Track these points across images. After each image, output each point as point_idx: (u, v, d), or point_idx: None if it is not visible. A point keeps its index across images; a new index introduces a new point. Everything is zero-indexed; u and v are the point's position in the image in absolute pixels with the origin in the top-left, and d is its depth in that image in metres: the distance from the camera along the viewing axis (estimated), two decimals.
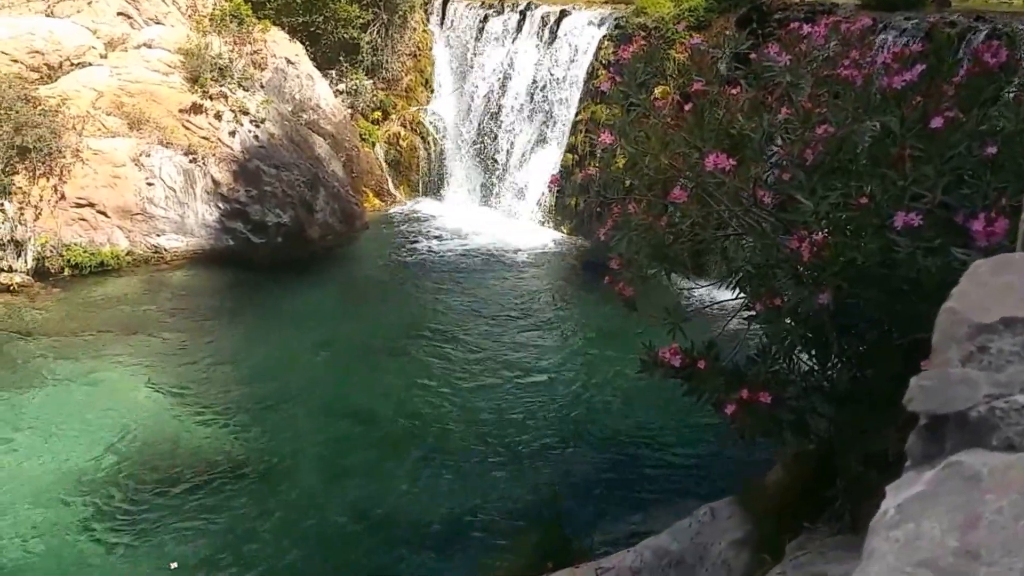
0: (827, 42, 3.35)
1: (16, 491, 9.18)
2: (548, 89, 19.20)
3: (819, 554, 3.39)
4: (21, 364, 11.96)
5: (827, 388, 3.42)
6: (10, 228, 14.26)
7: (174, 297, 14.59)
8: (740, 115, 3.29)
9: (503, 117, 20.00)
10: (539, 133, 19.38)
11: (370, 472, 9.77)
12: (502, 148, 19.95)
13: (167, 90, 16.41)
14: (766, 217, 3.33)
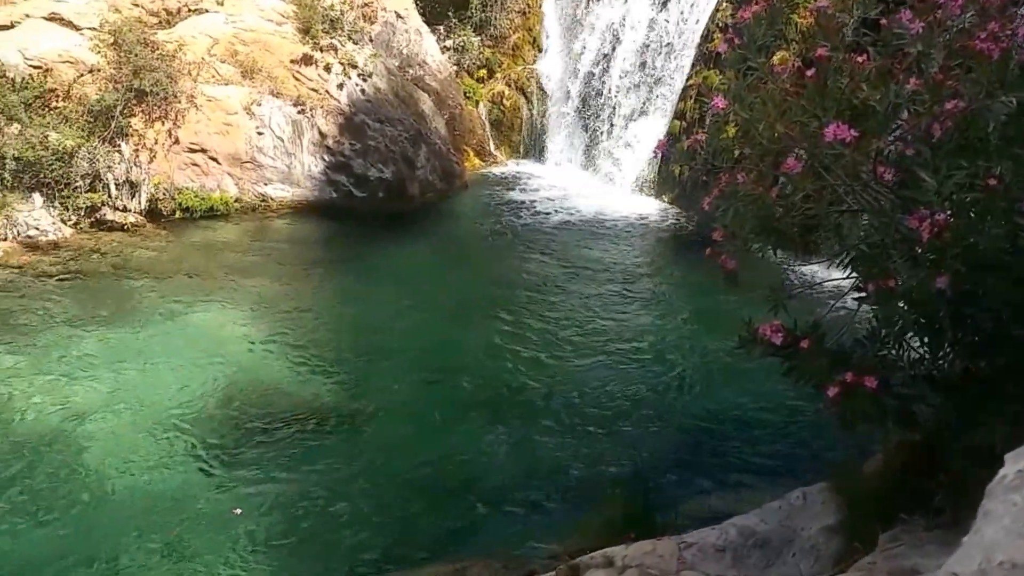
0: (963, 12, 3.13)
1: (123, 419, 9.58)
2: (659, 51, 18.51)
3: (914, 547, 3.28)
4: (131, 300, 12.44)
5: (937, 377, 3.26)
6: (126, 169, 14.82)
7: (277, 245, 14.91)
8: (865, 84, 3.10)
9: (611, 79, 19.43)
10: (647, 97, 18.75)
11: (455, 429, 9.75)
12: (607, 111, 19.42)
13: (279, 40, 16.63)
14: (885, 194, 3.16)
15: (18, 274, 12.80)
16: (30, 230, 13.76)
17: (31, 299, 12.13)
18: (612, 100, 19.41)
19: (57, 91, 14.73)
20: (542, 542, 8.00)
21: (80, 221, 14.40)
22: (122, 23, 15.07)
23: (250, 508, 8.18)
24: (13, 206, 13.69)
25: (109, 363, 10.66)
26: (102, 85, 14.79)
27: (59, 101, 14.74)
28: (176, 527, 7.88)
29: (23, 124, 14.00)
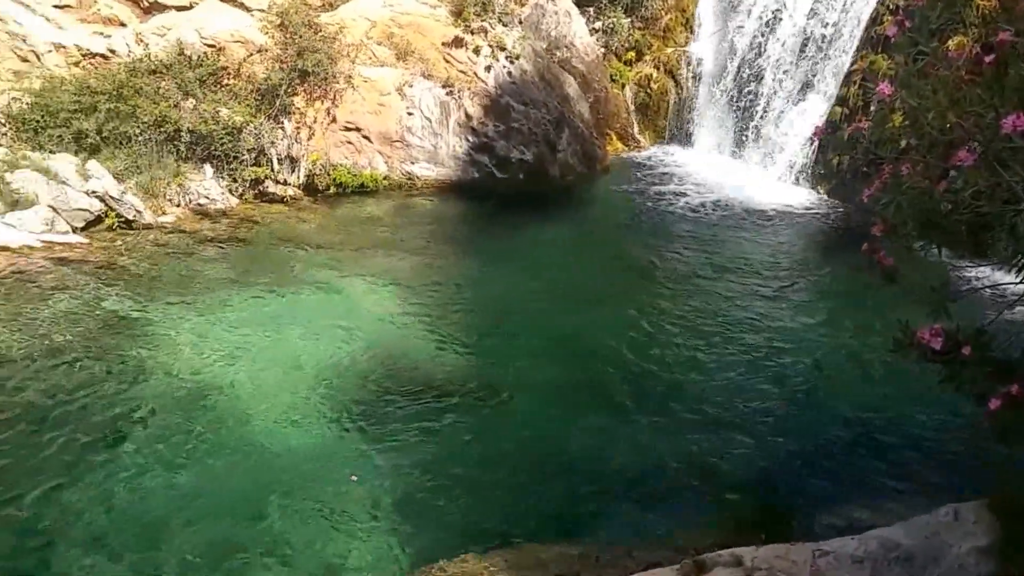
0: None
1: (272, 377, 10.18)
2: (823, 34, 17.60)
3: None
4: (286, 267, 13.23)
5: None
6: (287, 145, 15.76)
7: (420, 222, 15.43)
8: None
9: (767, 62, 18.66)
10: (805, 82, 17.89)
11: (583, 413, 9.77)
12: (762, 96, 18.69)
13: (433, 23, 17.09)
14: None
15: (189, 238, 13.91)
16: (201, 199, 14.92)
17: (199, 262, 13.15)
18: (768, 85, 18.66)
19: (228, 69, 15.82)
20: (666, 533, 7.93)
21: (245, 192, 15.47)
22: (289, 5, 15.95)
23: (381, 473, 8.53)
24: (187, 176, 14.88)
25: (263, 324, 11.39)
26: (269, 65, 15.74)
27: (230, 79, 15.83)
28: (310, 483, 8.32)
29: (197, 99, 15.15)
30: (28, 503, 7.71)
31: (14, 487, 7.88)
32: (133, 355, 10.37)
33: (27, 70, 15.18)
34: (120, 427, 9.01)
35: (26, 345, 10.27)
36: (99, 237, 13.51)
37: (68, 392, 9.49)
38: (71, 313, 11.19)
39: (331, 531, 7.76)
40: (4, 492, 7.79)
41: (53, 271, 12.28)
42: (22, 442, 8.53)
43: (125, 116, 14.53)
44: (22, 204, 13.09)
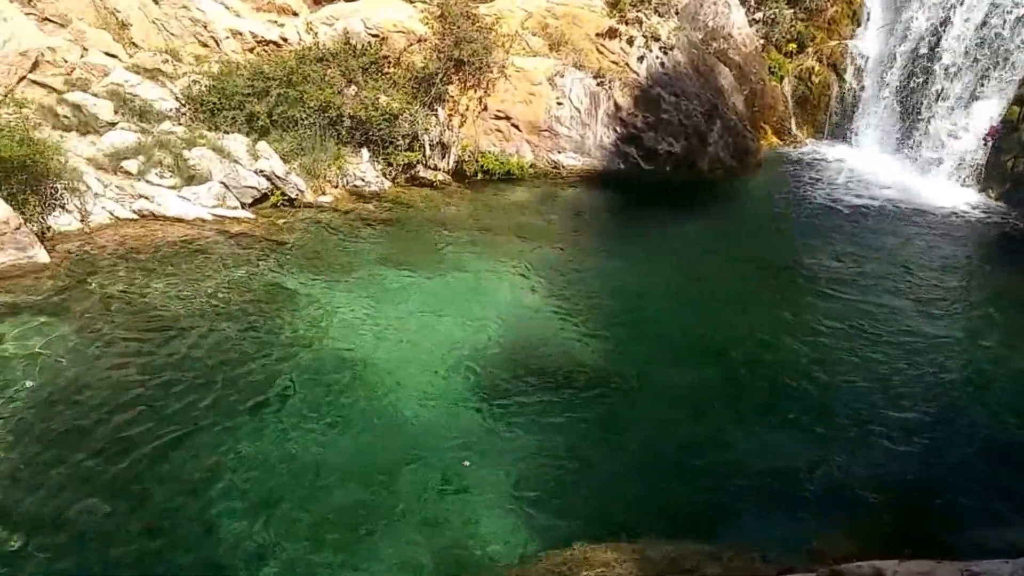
0: None
1: (413, 352, 10.51)
2: (1002, 28, 16.23)
3: None
4: (432, 249, 13.64)
5: None
6: (440, 132, 16.23)
7: (564, 211, 15.50)
8: None
9: (939, 58, 17.42)
10: (980, 80, 16.58)
11: (712, 411, 9.53)
12: (931, 93, 17.48)
13: (588, 13, 17.09)
14: None
15: (345, 218, 14.60)
16: (357, 180, 15.63)
17: (353, 240, 13.78)
18: (939, 82, 17.43)
19: (389, 58, 16.46)
20: (801, 540, 7.62)
21: (397, 176, 16.08)
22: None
23: (510, 455, 8.64)
24: (346, 159, 15.63)
25: (408, 301, 11.80)
26: (427, 54, 16.27)
27: (390, 67, 16.47)
28: (443, 457, 8.54)
29: (359, 87, 15.87)
30: (187, 455, 8.32)
31: (177, 438, 8.52)
32: (289, 323, 10.98)
33: (207, 55, 16.41)
34: (274, 390, 9.54)
35: (195, 309, 11.09)
36: (264, 213, 14.39)
37: (230, 354, 10.16)
38: (236, 282, 11.98)
39: (461, 505, 7.92)
40: (166, 442, 8.43)
41: (221, 243, 13.19)
42: (187, 400, 9.20)
43: (293, 101, 15.41)
44: (197, 179, 14.15)
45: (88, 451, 8.19)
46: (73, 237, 12.59)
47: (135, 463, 8.09)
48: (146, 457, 8.19)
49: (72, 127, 14.21)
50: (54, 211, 12.64)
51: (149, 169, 13.93)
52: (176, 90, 15.58)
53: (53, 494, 7.60)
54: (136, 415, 8.80)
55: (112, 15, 16.16)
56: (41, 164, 12.27)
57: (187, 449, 8.37)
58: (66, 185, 12.82)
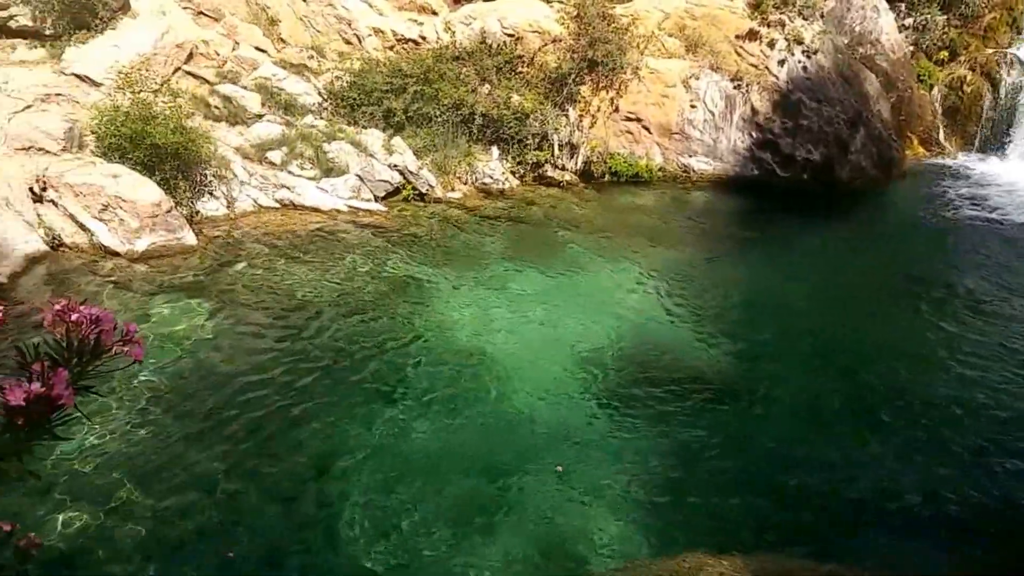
0: None
1: (532, 349, 10.47)
2: None
3: None
4: (557, 248, 13.59)
5: None
6: (569, 132, 16.14)
7: (693, 216, 15.12)
8: None
9: None
10: None
11: (837, 429, 9.03)
12: None
13: (728, 15, 16.63)
14: None
15: (473, 214, 14.74)
16: (485, 178, 15.74)
17: (480, 236, 13.89)
18: None
19: (523, 58, 16.51)
20: (920, 564, 7.14)
21: (526, 175, 16.10)
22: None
23: (624, 459, 8.45)
24: (476, 156, 15.77)
25: (530, 299, 11.79)
26: (561, 54, 16.22)
27: (524, 67, 16.52)
28: (557, 456, 8.41)
29: (493, 85, 15.98)
30: (316, 434, 8.55)
31: (308, 418, 8.79)
32: (415, 314, 11.16)
33: (350, 52, 16.91)
34: (397, 378, 9.70)
35: (328, 296, 11.43)
36: (395, 207, 14.70)
37: (359, 340, 10.41)
38: (366, 271, 12.27)
39: (572, 505, 7.80)
40: (298, 421, 8.70)
41: (354, 233, 13.55)
42: (319, 381, 9.49)
43: (429, 98, 15.68)
44: (335, 172, 14.59)
45: (223, 426, 8.53)
46: (219, 222, 13.20)
47: (266, 440, 8.38)
48: (276, 435, 8.46)
49: (222, 117, 14.91)
50: (203, 197, 13.29)
51: (291, 160, 14.47)
52: (319, 85, 16.13)
53: (188, 465, 7.94)
54: (269, 393, 9.13)
55: (263, 11, 16.90)
56: (193, 151, 12.93)
57: (315, 430, 8.60)
58: (215, 172, 13.46)
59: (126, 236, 11.80)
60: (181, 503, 7.40)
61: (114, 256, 11.75)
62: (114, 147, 12.47)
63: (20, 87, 13.30)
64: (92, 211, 11.84)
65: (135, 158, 12.37)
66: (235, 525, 7.25)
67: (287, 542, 7.12)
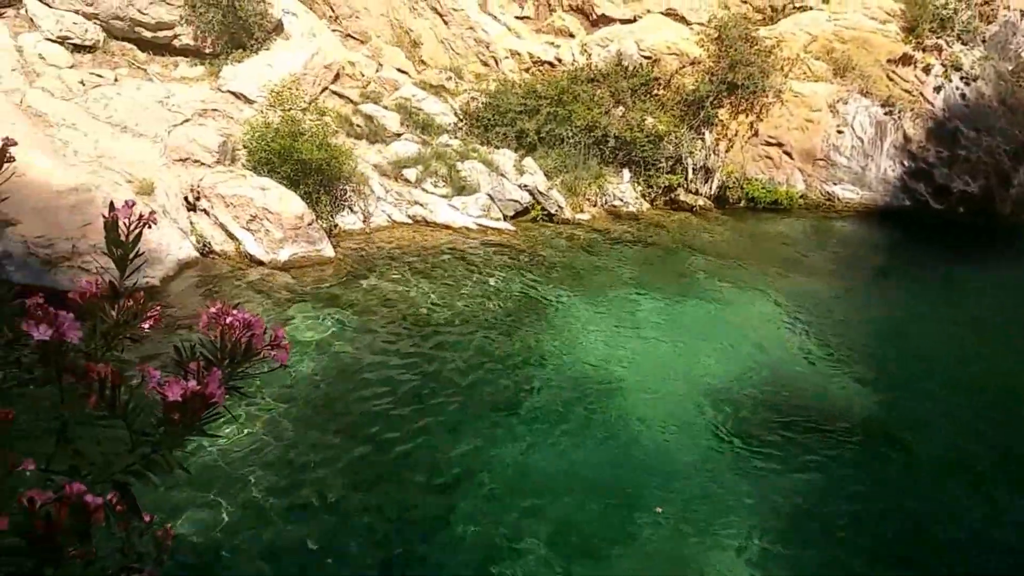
0: None
1: (657, 378, 10.15)
2: None
3: None
4: (686, 274, 13.22)
5: None
6: (704, 156, 15.74)
7: (835, 246, 14.39)
8: None
9: None
10: None
11: (991, 483, 8.27)
12: None
13: (880, 39, 15.82)
14: None
15: (601, 236, 14.56)
16: (615, 200, 15.55)
17: (607, 259, 13.69)
18: None
19: (659, 80, 16.28)
20: None
21: (657, 199, 15.80)
22: (728, 19, 15.90)
23: (751, 498, 8.00)
24: (606, 178, 15.62)
25: (657, 325, 11.47)
26: (699, 76, 15.88)
27: (659, 89, 16.27)
28: (678, 489, 8.07)
29: (627, 107, 15.82)
30: (437, 448, 8.54)
31: (431, 431, 8.80)
32: (539, 335, 11.06)
33: (486, 73, 17.18)
34: (519, 398, 9.60)
35: (455, 311, 11.51)
36: (523, 226, 14.72)
37: (483, 357, 10.39)
38: (493, 289, 12.30)
39: (692, 541, 7.44)
40: (420, 433, 8.71)
41: (483, 251, 13.64)
42: (442, 396, 9.50)
43: (561, 119, 15.68)
44: (467, 190, 14.78)
45: (348, 434, 8.65)
46: (355, 235, 13.59)
47: (390, 452, 8.43)
48: (398, 446, 8.50)
49: (363, 135, 15.43)
50: (341, 211, 13.74)
51: (425, 178, 14.77)
52: (456, 106, 16.45)
53: (315, 469, 8.08)
54: (394, 405, 9.21)
55: (406, 34, 17.44)
56: (335, 168, 13.39)
57: (438, 444, 8.59)
58: (354, 188, 13.90)
59: (270, 246, 12.30)
60: (304, 506, 7.54)
61: (258, 264, 12.27)
62: (263, 161, 13.08)
63: (180, 102, 14.19)
64: (241, 221, 12.43)
65: (282, 172, 12.93)
66: (351, 532, 7.31)
67: (401, 553, 7.12)
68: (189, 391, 1.34)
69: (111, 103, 13.55)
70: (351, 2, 17.55)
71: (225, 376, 1.47)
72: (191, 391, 1.35)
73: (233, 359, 1.51)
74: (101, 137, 12.85)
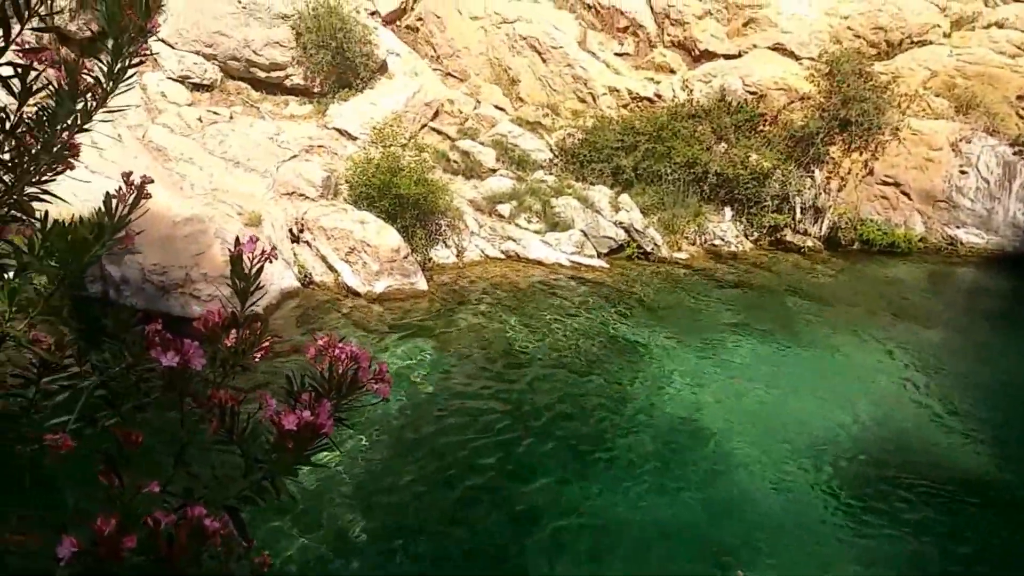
0: None
1: (759, 430, 9.56)
2: None
3: None
4: (792, 319, 12.53)
5: None
6: (814, 195, 15.02)
7: (958, 294, 13.37)
8: None
9: None
10: None
11: None
12: None
13: (1009, 74, 14.80)
14: None
15: (699, 276, 14.04)
16: (715, 239, 14.99)
17: (705, 300, 13.15)
18: None
19: (765, 116, 15.71)
20: None
21: (761, 238, 15.15)
22: (840, 54, 15.25)
23: (865, 569, 7.28)
24: (706, 216, 15.10)
25: (759, 371, 10.87)
26: (808, 112, 15.24)
27: (765, 125, 15.70)
28: (779, 548, 7.51)
29: (730, 144, 15.31)
30: (523, 489, 8.25)
31: (518, 471, 8.53)
32: (631, 376, 10.66)
33: (583, 110, 17.04)
34: (607, 441, 9.20)
35: (545, 349, 11.25)
36: (617, 264, 14.36)
37: (571, 397, 10.08)
38: (584, 327, 11.98)
39: None
40: (508, 474, 8.46)
41: (575, 288, 13.36)
42: (531, 435, 9.21)
43: (660, 156, 15.32)
44: (560, 226, 14.57)
45: (432, 467, 8.48)
46: (448, 269, 13.58)
47: (477, 488, 8.21)
48: (487, 484, 8.27)
49: (459, 171, 15.51)
50: (435, 244, 13.77)
51: (519, 214, 14.67)
52: (551, 142, 16.36)
53: (407, 504, 7.95)
54: (484, 442, 9.00)
55: (505, 72, 17.55)
56: (432, 202, 13.47)
57: (522, 484, 8.32)
58: (448, 222, 13.92)
59: (367, 278, 12.42)
60: (395, 541, 7.39)
61: (355, 295, 12.39)
62: (364, 196, 13.29)
63: (289, 139, 14.66)
64: (340, 253, 12.62)
65: (381, 206, 13.09)
66: (428, 564, 7.13)
67: None
68: (303, 421, 1.40)
69: (226, 139, 14.12)
70: (453, 42, 17.84)
71: (332, 407, 1.52)
72: (305, 421, 1.40)
73: (339, 390, 1.57)
74: (215, 171, 13.38)
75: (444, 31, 17.98)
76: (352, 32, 15.67)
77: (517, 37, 17.43)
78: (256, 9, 15.61)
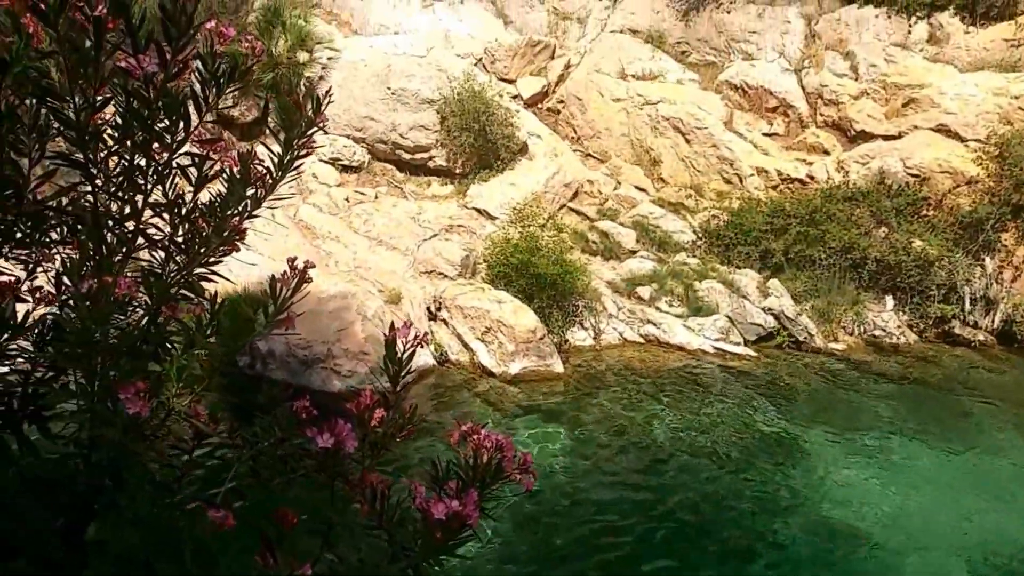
0: None
1: (926, 545, 8.56)
2: None
3: None
4: (964, 421, 11.45)
5: None
6: (985, 285, 13.78)
7: None
8: None
9: None
10: None
11: None
12: None
13: None
14: None
15: (857, 369, 13.04)
16: (876, 330, 13.95)
17: (864, 396, 12.16)
18: None
19: (929, 200, 14.72)
20: None
21: (926, 330, 14.00)
22: (1012, 135, 14.16)
23: None
24: (866, 304, 14.12)
25: (922, 478, 9.87)
26: (977, 197, 14.18)
27: (929, 210, 14.70)
28: None
29: (891, 228, 14.37)
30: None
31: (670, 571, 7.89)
32: (781, 476, 9.90)
33: (728, 191, 16.54)
34: (755, 547, 8.47)
35: (685, 441, 10.66)
36: (766, 353, 13.58)
37: (714, 497, 9.43)
38: (729, 419, 11.30)
39: None
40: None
41: (719, 377, 12.69)
42: (670, 536, 8.62)
43: (812, 240, 14.56)
44: (703, 311, 13.99)
45: (564, 563, 8.01)
46: (584, 352, 13.24)
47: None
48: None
49: (598, 252, 15.29)
50: (572, 326, 13.49)
51: (660, 297, 14.22)
52: (695, 223, 15.93)
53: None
54: (620, 540, 8.49)
55: (647, 153, 17.39)
56: (569, 283, 13.26)
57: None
58: (586, 304, 13.64)
59: (502, 358, 12.25)
60: None
61: (489, 376, 12.24)
62: (501, 275, 13.27)
63: (430, 218, 14.96)
64: (476, 332, 12.55)
65: (518, 286, 13.01)
66: None
67: None
68: (451, 510, 1.38)
69: (370, 218, 14.57)
70: (594, 123, 17.91)
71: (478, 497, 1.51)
72: (453, 511, 1.38)
73: (483, 480, 1.55)
74: (359, 249, 13.76)
75: (585, 112, 18.10)
76: (495, 115, 15.99)
77: (660, 118, 17.29)
78: (404, 95, 16.26)
